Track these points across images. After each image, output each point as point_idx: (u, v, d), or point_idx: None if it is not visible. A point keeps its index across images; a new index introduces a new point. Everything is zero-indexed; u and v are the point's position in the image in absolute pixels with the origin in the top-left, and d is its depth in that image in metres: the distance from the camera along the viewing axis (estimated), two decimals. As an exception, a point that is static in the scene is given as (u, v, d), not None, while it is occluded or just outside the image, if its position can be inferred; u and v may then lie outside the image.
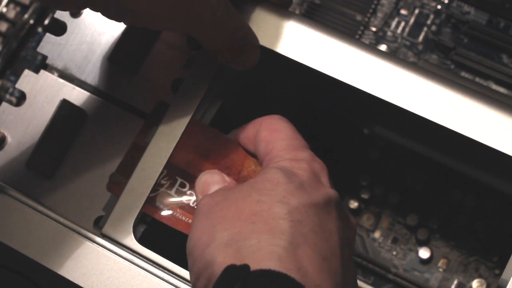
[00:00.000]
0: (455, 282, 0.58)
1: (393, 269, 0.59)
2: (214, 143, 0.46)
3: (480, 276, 0.58)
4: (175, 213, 0.45)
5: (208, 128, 0.47)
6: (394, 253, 0.60)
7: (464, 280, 0.58)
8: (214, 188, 0.44)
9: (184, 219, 0.45)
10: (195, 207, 0.45)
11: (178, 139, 0.46)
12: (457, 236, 0.59)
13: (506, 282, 0.42)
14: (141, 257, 0.45)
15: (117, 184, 0.47)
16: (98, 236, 0.46)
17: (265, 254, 0.37)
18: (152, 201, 0.46)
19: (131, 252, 0.45)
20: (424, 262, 0.59)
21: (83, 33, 0.52)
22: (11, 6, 0.68)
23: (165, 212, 0.46)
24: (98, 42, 0.52)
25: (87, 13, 0.52)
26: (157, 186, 0.46)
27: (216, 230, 0.39)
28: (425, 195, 0.60)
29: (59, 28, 0.52)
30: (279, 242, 0.38)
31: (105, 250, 0.45)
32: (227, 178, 0.45)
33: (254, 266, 0.36)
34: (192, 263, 0.40)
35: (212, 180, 0.45)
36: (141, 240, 0.46)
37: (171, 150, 0.46)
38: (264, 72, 0.51)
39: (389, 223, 0.60)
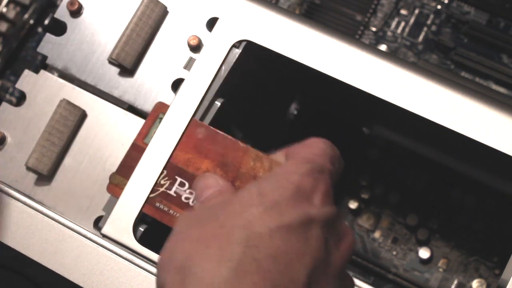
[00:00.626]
0: (455, 282, 0.58)
1: (393, 269, 0.59)
2: (213, 141, 0.46)
3: (480, 276, 0.58)
4: (175, 213, 0.46)
5: (207, 127, 0.47)
6: (394, 253, 0.60)
7: (464, 280, 0.58)
8: (208, 192, 0.44)
9: None
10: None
11: (178, 139, 0.46)
12: (457, 236, 0.59)
13: (506, 282, 0.42)
14: (141, 257, 0.45)
15: (117, 185, 0.47)
16: (98, 236, 0.46)
17: (204, 286, 0.36)
18: (152, 202, 0.46)
19: (131, 252, 0.45)
20: (424, 262, 0.59)
21: (83, 33, 0.52)
22: (11, 6, 0.68)
23: (165, 212, 0.46)
24: (98, 42, 0.52)
25: (87, 13, 0.52)
26: (157, 186, 0.46)
27: (176, 251, 0.39)
28: (425, 195, 0.60)
29: (59, 28, 0.52)
30: (222, 271, 0.37)
31: (105, 250, 0.45)
32: (220, 181, 0.44)
33: None
34: (155, 280, 0.41)
35: (205, 185, 0.44)
36: (141, 240, 0.46)
37: (171, 151, 0.46)
38: (264, 72, 0.51)
39: (389, 223, 0.60)
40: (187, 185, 0.46)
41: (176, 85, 0.50)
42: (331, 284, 0.40)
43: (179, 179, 0.46)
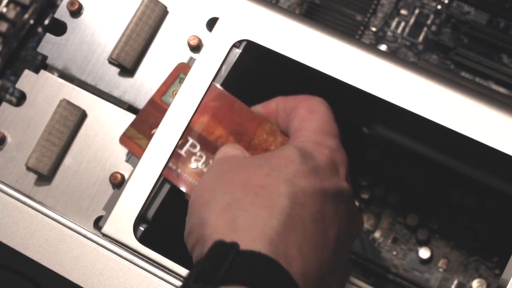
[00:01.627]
0: (455, 282, 0.58)
1: (393, 269, 0.59)
2: (230, 109, 0.47)
3: (480, 276, 0.58)
4: (182, 173, 0.46)
5: (225, 93, 0.47)
6: (394, 253, 0.60)
7: (464, 280, 0.58)
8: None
9: (190, 179, 0.46)
10: (204, 169, 0.46)
11: (196, 105, 0.46)
12: (457, 236, 0.59)
13: (506, 282, 0.42)
14: (141, 257, 0.45)
15: (130, 138, 0.48)
16: (98, 236, 0.46)
17: (258, 234, 0.37)
18: None
19: (131, 252, 0.45)
20: (424, 262, 0.59)
21: (83, 33, 0.52)
22: (11, 6, 0.68)
23: (172, 170, 0.46)
24: (98, 42, 0.52)
25: (87, 13, 0.52)
26: None
27: (219, 192, 0.40)
28: (425, 195, 0.60)
29: (59, 28, 0.52)
30: (274, 223, 0.37)
31: (105, 250, 0.45)
32: (247, 154, 0.45)
33: (244, 244, 0.36)
34: (189, 216, 0.41)
35: (232, 152, 0.45)
36: (141, 240, 0.46)
37: (190, 116, 0.46)
38: (264, 72, 0.51)
39: (389, 223, 0.60)
40: (198, 147, 0.46)
41: (176, 85, 0.50)
42: (348, 250, 0.43)
43: (191, 140, 0.46)
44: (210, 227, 0.38)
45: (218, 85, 0.47)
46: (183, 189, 0.46)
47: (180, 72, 0.48)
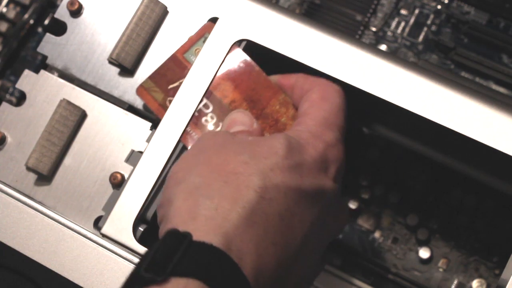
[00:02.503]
0: (455, 282, 0.58)
1: (393, 269, 0.59)
2: (248, 74, 0.47)
3: (480, 276, 0.58)
4: (191, 131, 0.46)
5: (246, 59, 0.47)
6: (394, 253, 0.60)
7: (464, 280, 0.58)
8: (239, 128, 0.45)
9: (196, 137, 0.46)
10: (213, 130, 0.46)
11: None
12: (457, 236, 0.59)
13: (506, 282, 0.42)
14: (141, 257, 0.45)
15: (147, 89, 0.48)
16: (98, 236, 0.46)
17: (213, 226, 0.37)
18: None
19: (131, 252, 0.45)
20: (424, 262, 0.59)
21: (83, 33, 0.52)
22: (11, 6, 0.68)
23: (184, 130, 0.46)
24: (98, 42, 0.52)
25: (87, 13, 0.52)
26: None
27: (193, 173, 0.40)
28: (425, 195, 0.60)
29: (59, 28, 0.52)
30: (234, 216, 0.37)
31: (105, 250, 0.45)
32: (255, 124, 0.45)
33: (199, 234, 0.36)
34: (164, 189, 0.42)
35: (240, 119, 0.45)
36: (141, 240, 0.46)
37: (211, 78, 0.46)
38: (264, 72, 0.51)
39: (389, 223, 0.60)
40: (211, 108, 0.46)
41: (176, 85, 0.50)
42: (318, 249, 0.42)
43: (204, 100, 0.46)
44: (174, 209, 0.38)
45: (241, 50, 0.47)
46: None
47: (206, 31, 0.48)
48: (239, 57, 0.47)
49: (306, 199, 0.40)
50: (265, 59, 0.48)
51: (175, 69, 0.48)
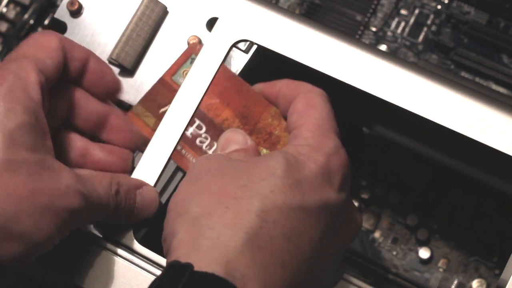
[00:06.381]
0: (455, 282, 0.58)
1: (393, 269, 0.59)
2: (238, 91, 0.47)
3: (480, 276, 0.58)
4: (186, 153, 0.46)
5: (234, 76, 0.47)
6: (394, 253, 0.60)
7: (464, 280, 0.58)
8: (233, 147, 0.44)
9: (193, 160, 0.46)
10: (208, 151, 0.46)
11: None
12: (457, 236, 0.59)
13: (506, 282, 0.42)
14: (141, 258, 0.45)
15: (138, 115, 0.48)
16: (99, 236, 0.46)
17: (216, 256, 0.36)
18: None
19: (131, 253, 0.45)
20: (424, 262, 0.59)
21: (83, 33, 0.52)
22: (11, 6, 0.68)
23: (177, 151, 0.46)
24: (98, 42, 0.52)
25: (87, 13, 0.52)
26: None
27: (192, 203, 0.39)
28: (425, 195, 0.60)
29: (59, 28, 0.52)
30: (237, 242, 0.37)
31: (105, 250, 0.45)
32: (249, 141, 0.44)
33: (201, 264, 0.36)
34: (165, 223, 0.41)
35: (234, 138, 0.44)
36: (142, 241, 0.46)
37: (200, 97, 0.46)
38: (265, 72, 0.51)
39: (389, 223, 0.60)
40: (204, 129, 0.46)
41: (176, 85, 0.50)
42: (330, 264, 0.41)
43: (197, 121, 0.46)
44: (177, 241, 0.38)
45: (227, 67, 0.47)
46: (186, 170, 0.46)
47: (192, 52, 0.48)
48: (227, 74, 0.47)
49: (311, 216, 0.39)
50: (264, 59, 0.48)
51: (164, 92, 0.47)
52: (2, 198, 0.37)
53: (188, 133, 0.46)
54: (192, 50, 0.49)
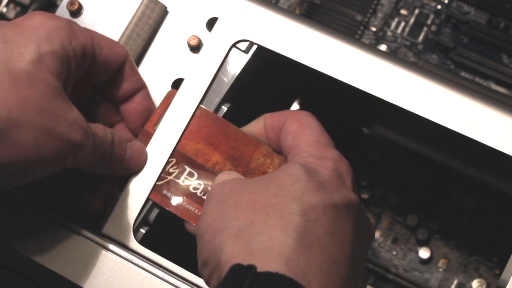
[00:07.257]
0: (455, 282, 0.58)
1: (393, 269, 0.59)
2: (224, 134, 0.46)
3: (480, 276, 0.58)
4: (182, 202, 0.46)
5: (218, 118, 0.47)
6: (394, 253, 0.60)
7: (464, 280, 0.58)
8: (234, 176, 0.45)
9: (190, 208, 0.45)
10: (203, 197, 0.45)
11: (185, 126, 0.46)
12: (457, 236, 0.59)
13: (506, 282, 0.42)
14: (141, 257, 0.45)
15: None
16: (98, 236, 0.46)
17: (274, 255, 0.37)
18: (159, 189, 0.46)
19: (131, 252, 0.45)
20: (424, 262, 0.59)
21: (83, 33, 0.52)
22: (11, 6, 0.68)
23: (172, 201, 0.46)
24: (98, 42, 0.52)
25: (87, 13, 0.52)
26: (165, 174, 0.46)
27: (229, 217, 0.39)
28: (425, 195, 0.60)
29: (59, 28, 0.52)
30: (290, 241, 0.37)
31: (105, 250, 0.45)
32: (242, 177, 0.45)
33: (262, 266, 0.36)
34: (201, 247, 0.40)
35: (229, 177, 0.44)
36: (142, 241, 0.46)
37: (177, 138, 0.46)
38: (265, 72, 0.51)
39: (389, 223, 0.60)
40: (195, 175, 0.46)
41: (176, 85, 0.50)
42: (363, 259, 0.42)
43: (188, 169, 0.46)
44: (226, 254, 0.38)
45: (208, 109, 0.47)
46: (186, 220, 0.45)
47: (171, 100, 0.48)
48: (211, 118, 0.47)
49: (341, 212, 0.40)
50: (263, 59, 0.48)
51: (148, 143, 0.47)
52: (11, 103, 0.39)
53: (180, 181, 0.46)
54: (171, 97, 0.48)
